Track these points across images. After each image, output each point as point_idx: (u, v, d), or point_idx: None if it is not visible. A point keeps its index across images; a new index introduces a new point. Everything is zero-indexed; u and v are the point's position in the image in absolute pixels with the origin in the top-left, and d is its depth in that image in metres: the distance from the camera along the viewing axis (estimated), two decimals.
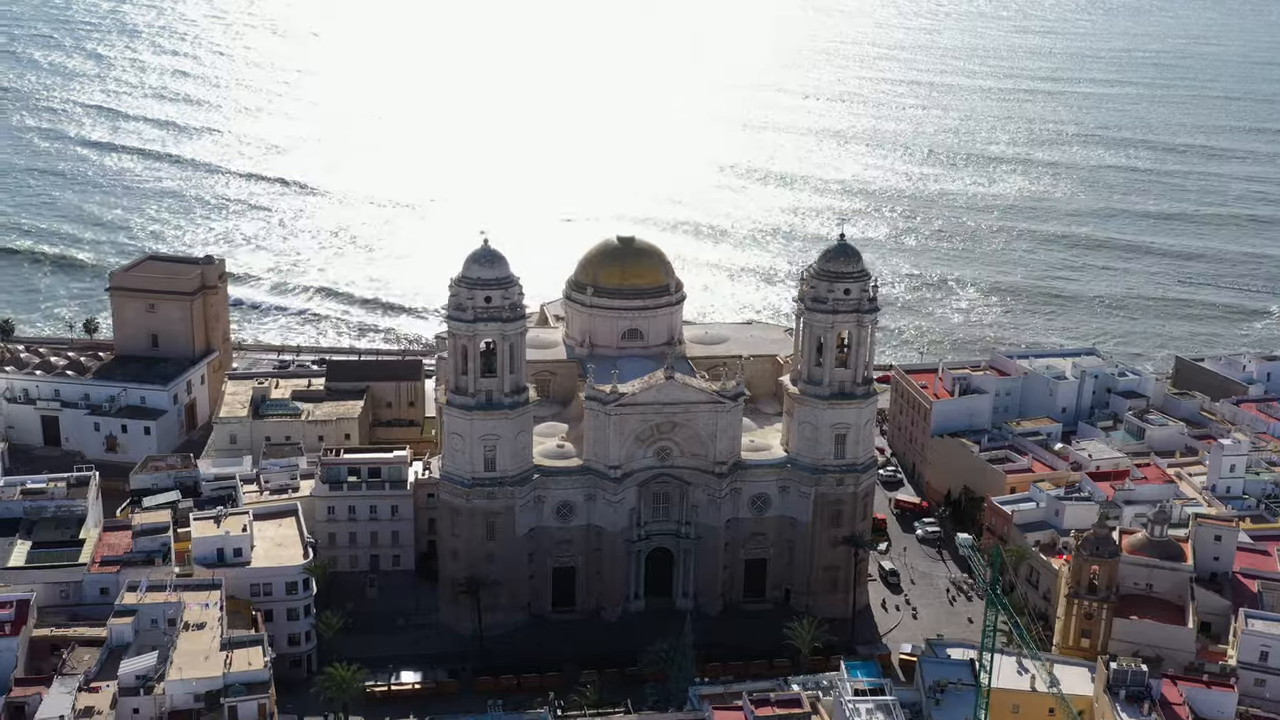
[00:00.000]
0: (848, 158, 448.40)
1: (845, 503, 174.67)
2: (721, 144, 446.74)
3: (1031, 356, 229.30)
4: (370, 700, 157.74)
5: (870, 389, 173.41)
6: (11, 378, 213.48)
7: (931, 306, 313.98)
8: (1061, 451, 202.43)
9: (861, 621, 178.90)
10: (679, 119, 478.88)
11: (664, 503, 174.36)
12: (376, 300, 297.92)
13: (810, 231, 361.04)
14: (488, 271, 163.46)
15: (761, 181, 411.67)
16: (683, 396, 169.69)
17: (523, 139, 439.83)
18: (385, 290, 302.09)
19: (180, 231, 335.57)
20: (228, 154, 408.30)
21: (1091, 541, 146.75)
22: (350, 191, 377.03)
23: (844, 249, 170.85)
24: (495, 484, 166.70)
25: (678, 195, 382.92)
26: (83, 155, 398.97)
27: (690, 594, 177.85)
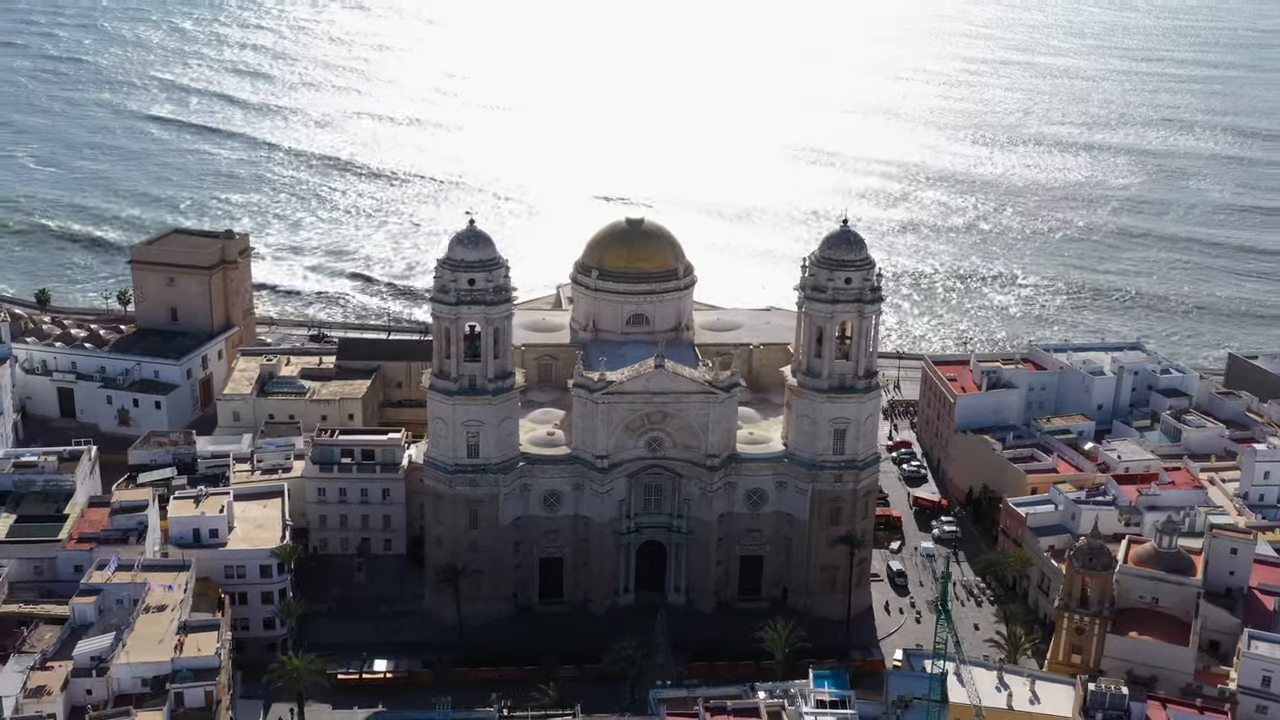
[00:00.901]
0: (917, 138, 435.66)
1: (844, 500, 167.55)
2: (800, 125, 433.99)
3: (1070, 350, 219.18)
4: (341, 688, 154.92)
5: (872, 383, 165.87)
6: (31, 349, 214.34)
7: (985, 295, 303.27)
8: (1091, 452, 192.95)
9: (861, 624, 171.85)
10: (760, 100, 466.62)
11: (656, 495, 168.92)
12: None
13: (870, 216, 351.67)
14: (472, 253, 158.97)
15: (819, 162, 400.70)
16: (673, 386, 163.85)
17: (600, 119, 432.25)
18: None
19: (232, 208, 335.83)
20: (294, 132, 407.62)
21: (1084, 552, 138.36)
22: (424, 175, 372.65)
23: (846, 235, 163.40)
24: (478, 471, 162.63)
25: (740, 177, 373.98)
26: (148, 131, 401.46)
27: (682, 590, 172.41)
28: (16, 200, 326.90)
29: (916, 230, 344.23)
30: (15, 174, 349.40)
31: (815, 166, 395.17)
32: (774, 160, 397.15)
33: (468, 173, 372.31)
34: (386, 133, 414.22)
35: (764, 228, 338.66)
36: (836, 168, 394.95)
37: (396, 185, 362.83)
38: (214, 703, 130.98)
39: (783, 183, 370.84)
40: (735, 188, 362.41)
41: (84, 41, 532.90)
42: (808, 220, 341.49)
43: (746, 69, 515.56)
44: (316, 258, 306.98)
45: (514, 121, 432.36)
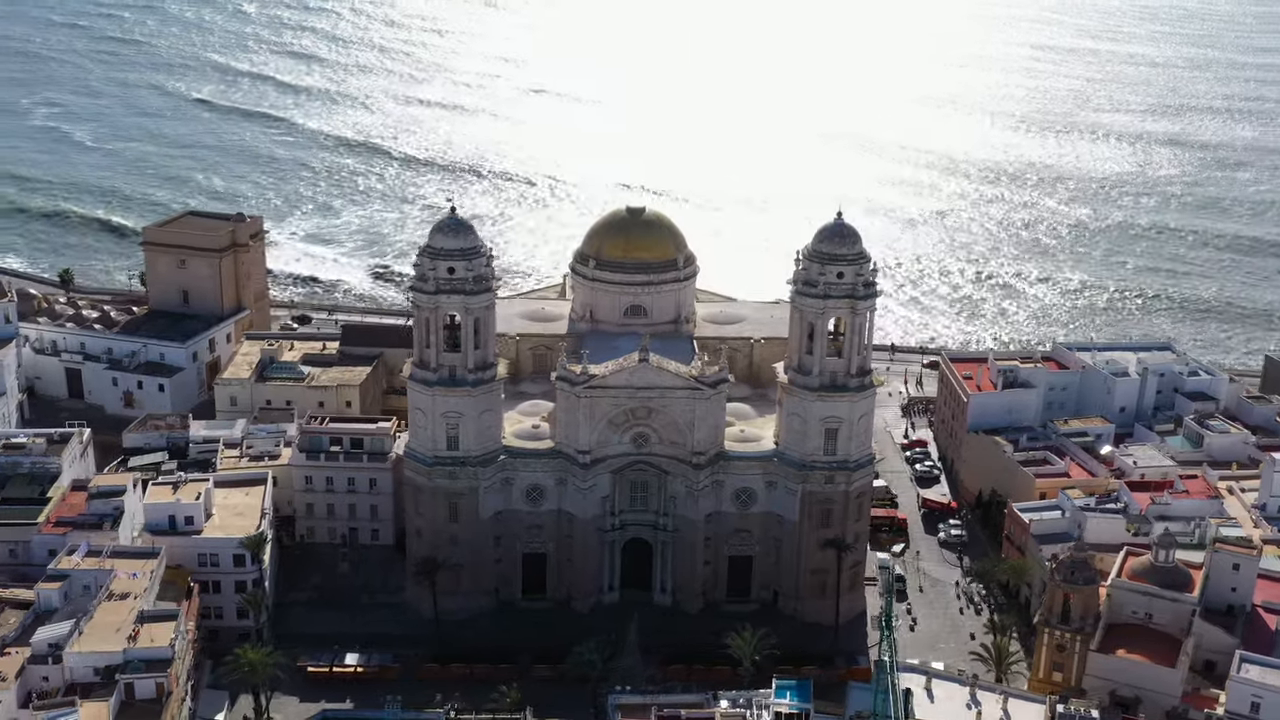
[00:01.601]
0: (971, 127, 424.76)
1: (835, 502, 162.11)
2: (856, 115, 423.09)
3: (1095, 349, 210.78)
4: (311, 681, 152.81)
5: (866, 381, 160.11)
6: (41, 329, 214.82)
7: (1023, 290, 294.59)
8: (1108, 456, 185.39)
9: (852, 630, 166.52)
10: (816, 90, 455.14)
11: (641, 492, 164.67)
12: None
13: (912, 206, 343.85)
14: (451, 241, 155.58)
15: (870, 152, 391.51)
16: (657, 381, 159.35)
17: (654, 107, 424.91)
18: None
19: (268, 192, 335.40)
20: (341, 117, 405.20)
21: (1067, 564, 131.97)
22: (468, 162, 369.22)
23: (839, 228, 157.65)
24: (457, 463, 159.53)
25: (785, 167, 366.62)
26: (197, 114, 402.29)
27: (668, 590, 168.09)
28: (49, 180, 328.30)
29: (956, 222, 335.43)
30: (54, 154, 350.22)
31: (867, 157, 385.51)
32: (822, 150, 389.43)
33: (513, 159, 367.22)
34: (433, 118, 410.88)
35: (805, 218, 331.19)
36: (886, 158, 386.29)
37: (438, 171, 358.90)
38: (164, 694, 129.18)
39: (829, 173, 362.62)
40: (778, 178, 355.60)
41: (146, 23, 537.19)
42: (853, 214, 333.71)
43: (810, 59, 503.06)
44: (352, 243, 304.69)
45: (567, 107, 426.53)
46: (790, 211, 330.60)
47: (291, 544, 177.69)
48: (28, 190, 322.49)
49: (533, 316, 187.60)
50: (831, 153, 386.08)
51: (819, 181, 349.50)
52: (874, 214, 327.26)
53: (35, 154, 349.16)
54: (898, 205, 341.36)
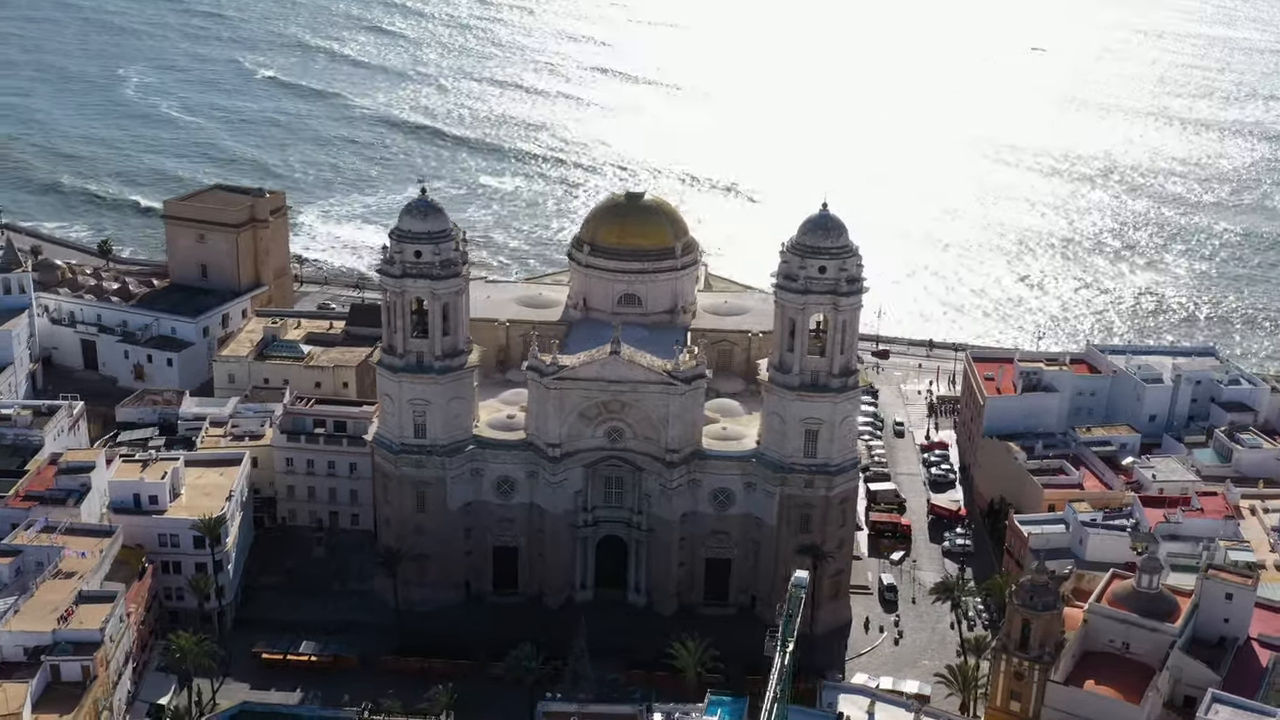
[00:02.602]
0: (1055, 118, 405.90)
1: (815, 507, 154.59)
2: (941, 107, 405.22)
3: (1130, 353, 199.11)
4: (265, 668, 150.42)
5: (850, 382, 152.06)
6: (61, 299, 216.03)
7: (1082, 287, 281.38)
8: (1129, 468, 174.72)
9: (832, 642, 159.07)
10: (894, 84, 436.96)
11: (616, 488, 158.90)
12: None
13: (964, 197, 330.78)
14: (419, 224, 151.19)
15: (957, 146, 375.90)
16: (629, 375, 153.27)
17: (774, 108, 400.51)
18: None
19: (321, 170, 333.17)
20: (425, 101, 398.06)
21: (1026, 588, 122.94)
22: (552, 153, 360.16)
23: (823, 220, 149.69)
24: (424, 452, 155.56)
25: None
26: (266, 92, 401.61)
27: (643, 590, 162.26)
28: (113, 151, 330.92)
29: (1008, 215, 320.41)
30: (121, 128, 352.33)
31: (953, 151, 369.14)
32: (861, 136, 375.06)
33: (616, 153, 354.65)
34: (506, 99, 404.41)
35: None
36: (931, 145, 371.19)
37: (524, 161, 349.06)
38: (90, 677, 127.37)
39: (906, 166, 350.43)
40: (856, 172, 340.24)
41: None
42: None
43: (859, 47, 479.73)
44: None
45: (680, 103, 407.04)
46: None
47: (273, 526, 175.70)
48: (86, 163, 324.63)
49: (527, 302, 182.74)
50: (871, 140, 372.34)
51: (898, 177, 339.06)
52: (918, 203, 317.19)
53: (103, 128, 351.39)
54: (942, 195, 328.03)
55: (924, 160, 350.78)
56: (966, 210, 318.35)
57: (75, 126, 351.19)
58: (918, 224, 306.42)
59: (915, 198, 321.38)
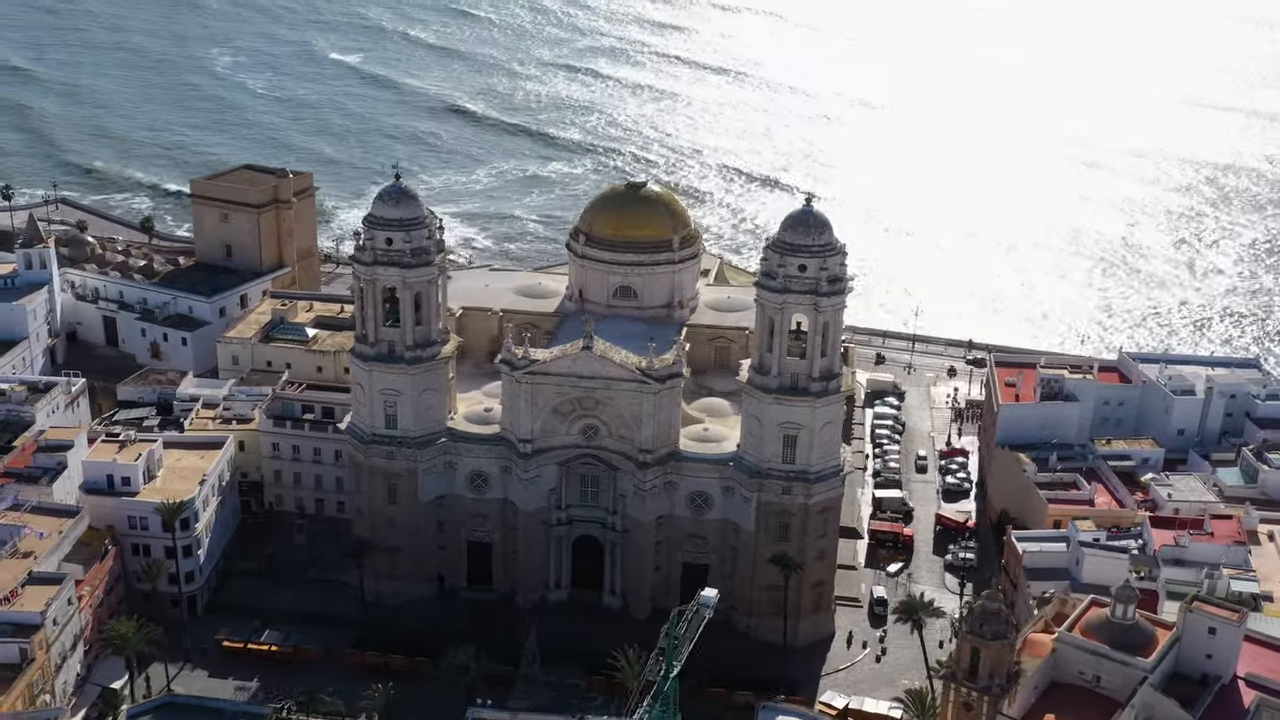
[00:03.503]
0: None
1: (794, 515, 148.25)
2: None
3: (1164, 361, 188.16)
4: (226, 655, 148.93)
5: (832, 386, 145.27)
6: (86, 275, 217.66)
7: (1160, 289, 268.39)
8: (1146, 485, 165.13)
9: (810, 656, 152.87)
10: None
11: (592, 487, 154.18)
12: None
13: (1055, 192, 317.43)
14: (391, 210, 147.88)
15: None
16: (601, 371, 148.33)
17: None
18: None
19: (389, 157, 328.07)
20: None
21: (976, 615, 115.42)
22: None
23: (805, 216, 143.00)
24: (395, 443, 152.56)
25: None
26: (329, 75, 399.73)
27: (618, 592, 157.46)
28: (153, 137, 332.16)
29: (1083, 217, 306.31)
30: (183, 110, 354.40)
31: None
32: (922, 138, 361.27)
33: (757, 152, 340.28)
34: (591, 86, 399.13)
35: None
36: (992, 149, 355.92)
37: (587, 152, 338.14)
38: (27, 660, 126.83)
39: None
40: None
41: None
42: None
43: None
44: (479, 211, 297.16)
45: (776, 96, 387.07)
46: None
47: (260, 511, 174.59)
48: (143, 145, 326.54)
49: (526, 292, 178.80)
50: (949, 135, 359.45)
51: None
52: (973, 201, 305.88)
53: (171, 110, 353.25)
54: (1017, 196, 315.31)
55: (1002, 160, 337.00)
56: (1039, 211, 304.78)
57: (142, 106, 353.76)
58: (984, 223, 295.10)
59: (990, 198, 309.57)
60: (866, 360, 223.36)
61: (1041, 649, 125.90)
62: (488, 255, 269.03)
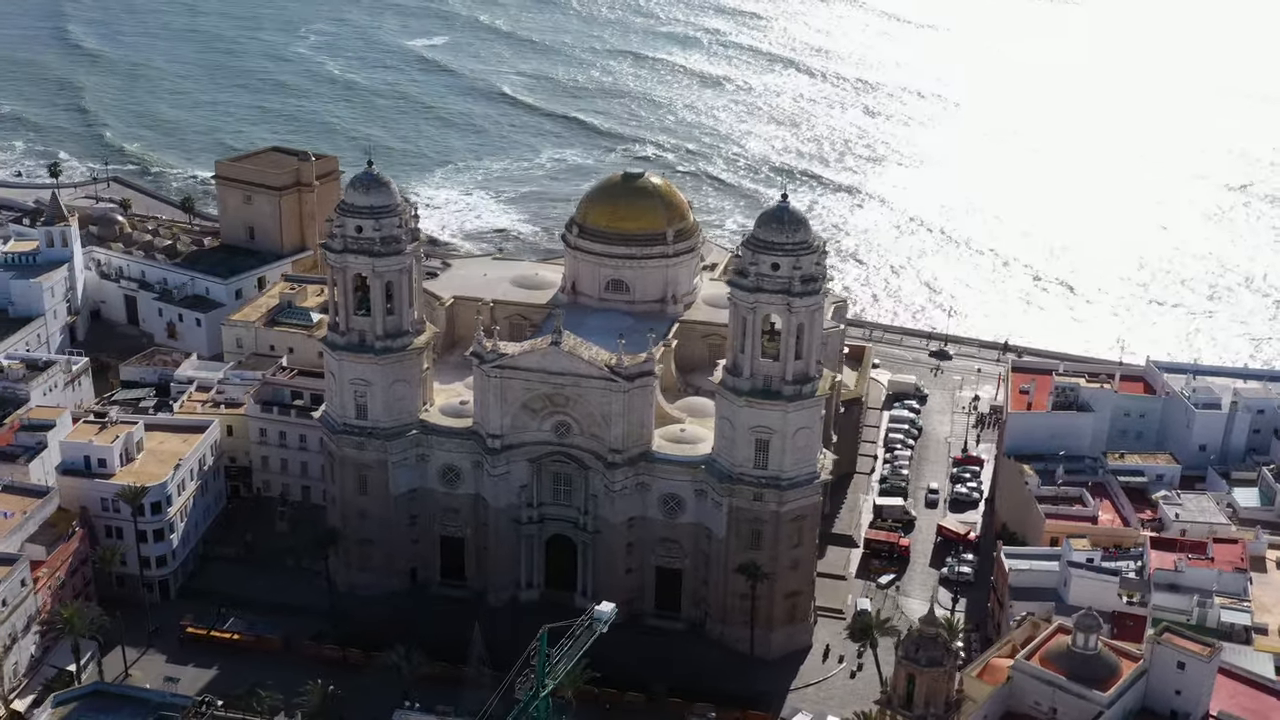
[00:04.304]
0: None
1: (765, 522, 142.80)
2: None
3: (1195, 372, 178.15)
4: (186, 642, 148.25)
5: (805, 390, 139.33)
6: (111, 254, 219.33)
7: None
8: (1158, 502, 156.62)
9: (781, 669, 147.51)
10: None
11: (565, 486, 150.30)
12: None
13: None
14: (361, 198, 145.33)
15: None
16: (569, 367, 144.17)
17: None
18: None
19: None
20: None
21: (913, 640, 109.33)
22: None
23: (779, 213, 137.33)
24: (365, 434, 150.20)
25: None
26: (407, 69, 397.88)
27: (590, 594, 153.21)
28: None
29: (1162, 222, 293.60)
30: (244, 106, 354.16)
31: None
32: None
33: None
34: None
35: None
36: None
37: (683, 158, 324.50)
38: None
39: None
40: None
41: None
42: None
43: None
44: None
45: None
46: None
47: (249, 496, 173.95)
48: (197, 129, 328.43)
49: (522, 283, 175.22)
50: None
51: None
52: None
53: (231, 92, 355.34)
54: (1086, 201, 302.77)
55: (1070, 160, 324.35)
56: (1100, 214, 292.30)
57: (206, 88, 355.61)
58: (1039, 223, 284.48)
59: (1051, 198, 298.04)
60: (896, 360, 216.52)
61: (1001, 675, 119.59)
62: (529, 243, 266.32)
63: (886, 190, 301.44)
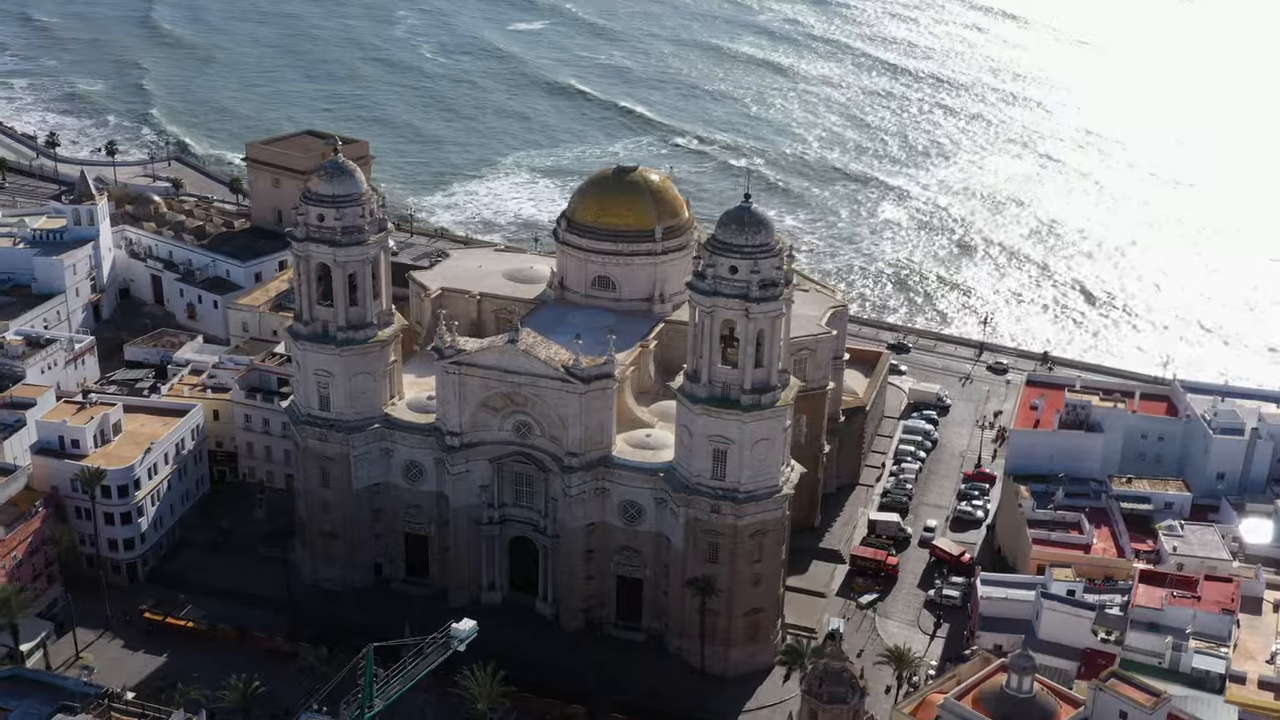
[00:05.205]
0: None
1: (723, 535, 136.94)
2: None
3: (1222, 394, 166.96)
4: (144, 628, 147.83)
5: (764, 400, 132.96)
6: (142, 234, 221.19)
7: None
8: (1166, 531, 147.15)
9: (738, 689, 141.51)
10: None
11: (526, 487, 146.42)
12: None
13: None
14: (325, 187, 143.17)
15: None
16: (525, 366, 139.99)
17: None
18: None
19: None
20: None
21: (816, 674, 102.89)
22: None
23: (739, 214, 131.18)
24: (327, 426, 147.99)
25: None
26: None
27: (550, 599, 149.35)
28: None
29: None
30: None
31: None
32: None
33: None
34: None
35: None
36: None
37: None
38: None
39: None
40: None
41: None
42: None
43: None
44: None
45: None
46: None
47: (234, 481, 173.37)
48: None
49: (513, 276, 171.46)
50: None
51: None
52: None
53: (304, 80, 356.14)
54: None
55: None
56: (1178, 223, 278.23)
57: (281, 72, 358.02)
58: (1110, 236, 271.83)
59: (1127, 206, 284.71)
60: (937, 369, 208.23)
61: (934, 713, 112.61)
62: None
63: (950, 196, 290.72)
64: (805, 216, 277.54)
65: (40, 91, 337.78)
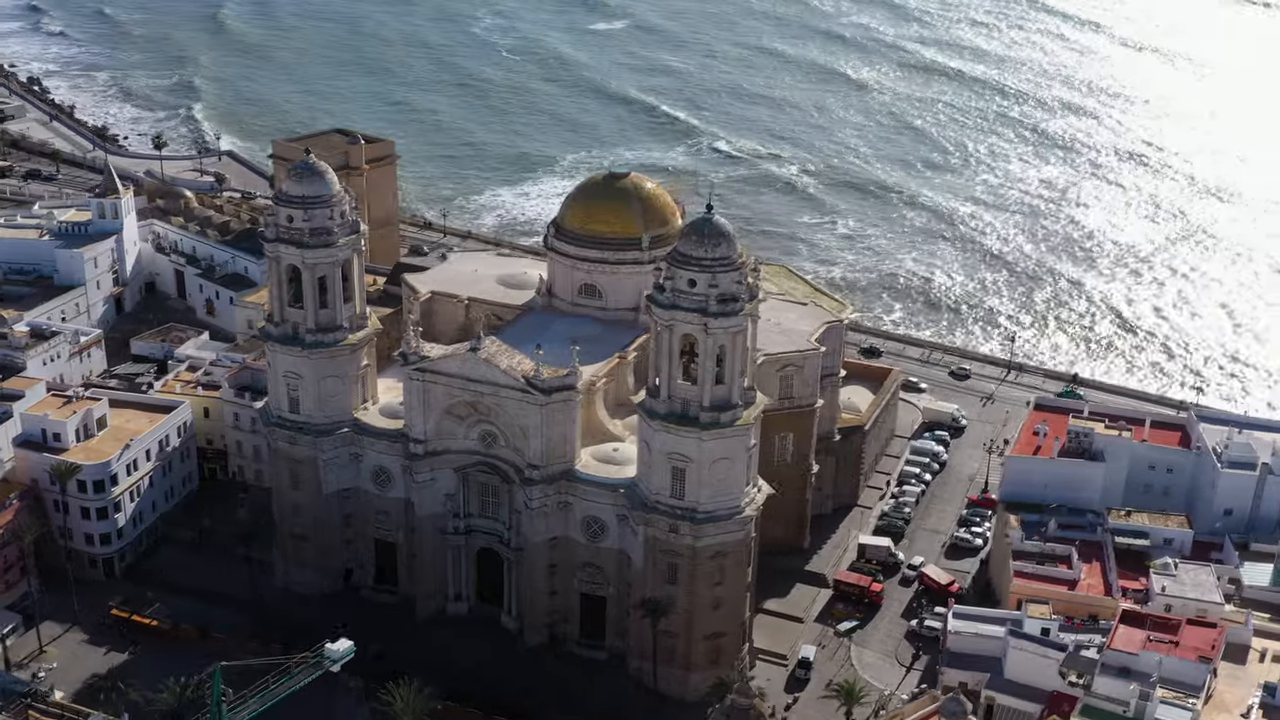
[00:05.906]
0: None
1: (681, 556, 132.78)
2: None
3: (1240, 425, 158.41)
4: (110, 625, 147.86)
5: (724, 419, 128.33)
6: (167, 228, 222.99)
7: None
8: (1157, 569, 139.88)
9: (695, 712, 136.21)
10: None
11: (492, 498, 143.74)
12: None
13: None
14: (294, 188, 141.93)
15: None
16: (487, 376, 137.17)
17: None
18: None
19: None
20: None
21: (723, 712, 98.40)
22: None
23: (700, 225, 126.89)
24: (297, 429, 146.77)
25: None
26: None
27: (515, 613, 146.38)
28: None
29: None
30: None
31: None
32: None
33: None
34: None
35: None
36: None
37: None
38: None
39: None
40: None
41: None
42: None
43: None
44: None
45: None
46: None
47: (225, 479, 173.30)
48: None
49: (504, 282, 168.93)
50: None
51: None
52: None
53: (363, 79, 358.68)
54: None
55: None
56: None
57: (339, 72, 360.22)
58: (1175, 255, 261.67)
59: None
60: (945, 385, 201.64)
61: None
62: None
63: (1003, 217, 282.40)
64: (854, 224, 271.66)
65: (110, 86, 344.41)
